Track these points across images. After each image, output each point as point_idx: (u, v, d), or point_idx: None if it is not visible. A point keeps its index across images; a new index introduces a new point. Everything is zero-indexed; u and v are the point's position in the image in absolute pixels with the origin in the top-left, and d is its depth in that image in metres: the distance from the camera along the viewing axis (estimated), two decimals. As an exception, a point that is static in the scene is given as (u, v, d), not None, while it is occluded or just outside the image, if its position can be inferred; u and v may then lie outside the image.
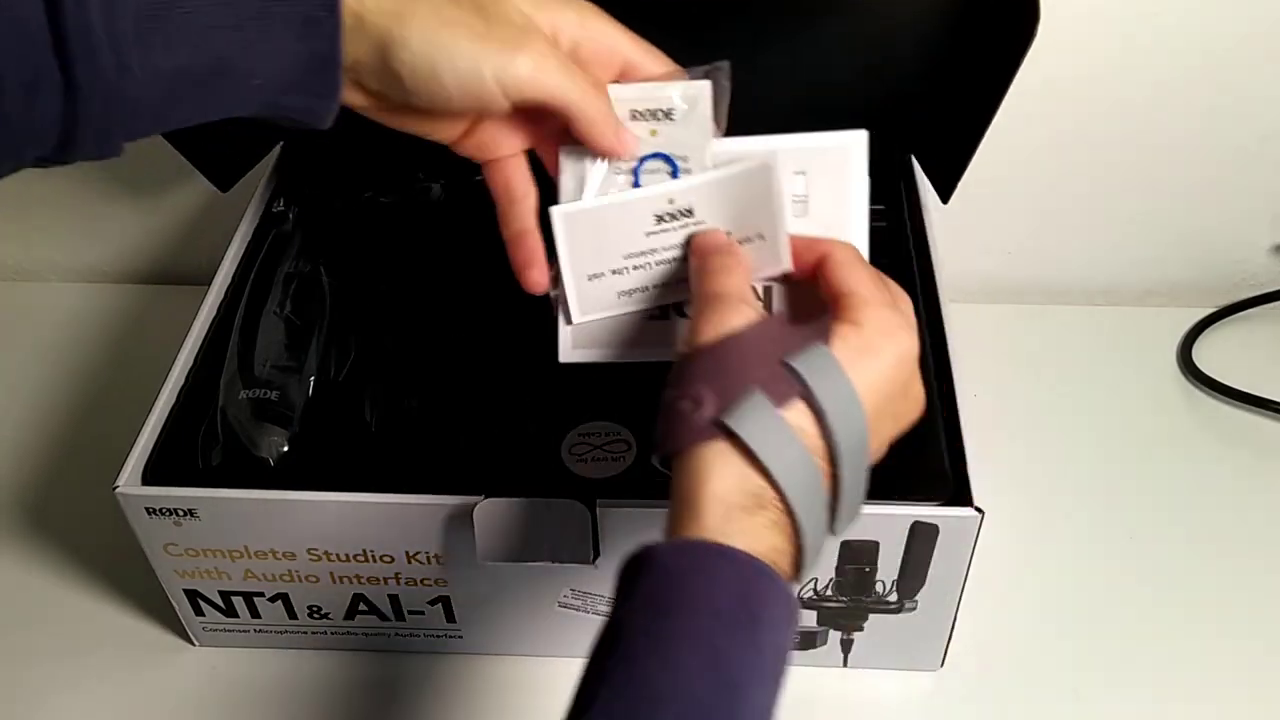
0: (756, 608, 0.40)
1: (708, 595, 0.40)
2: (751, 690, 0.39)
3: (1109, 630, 0.68)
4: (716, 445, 0.42)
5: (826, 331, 0.44)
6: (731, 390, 0.42)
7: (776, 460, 0.42)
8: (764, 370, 0.43)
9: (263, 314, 0.67)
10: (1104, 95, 0.80)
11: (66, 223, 0.93)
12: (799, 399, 0.43)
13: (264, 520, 0.60)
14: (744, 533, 0.41)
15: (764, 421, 0.42)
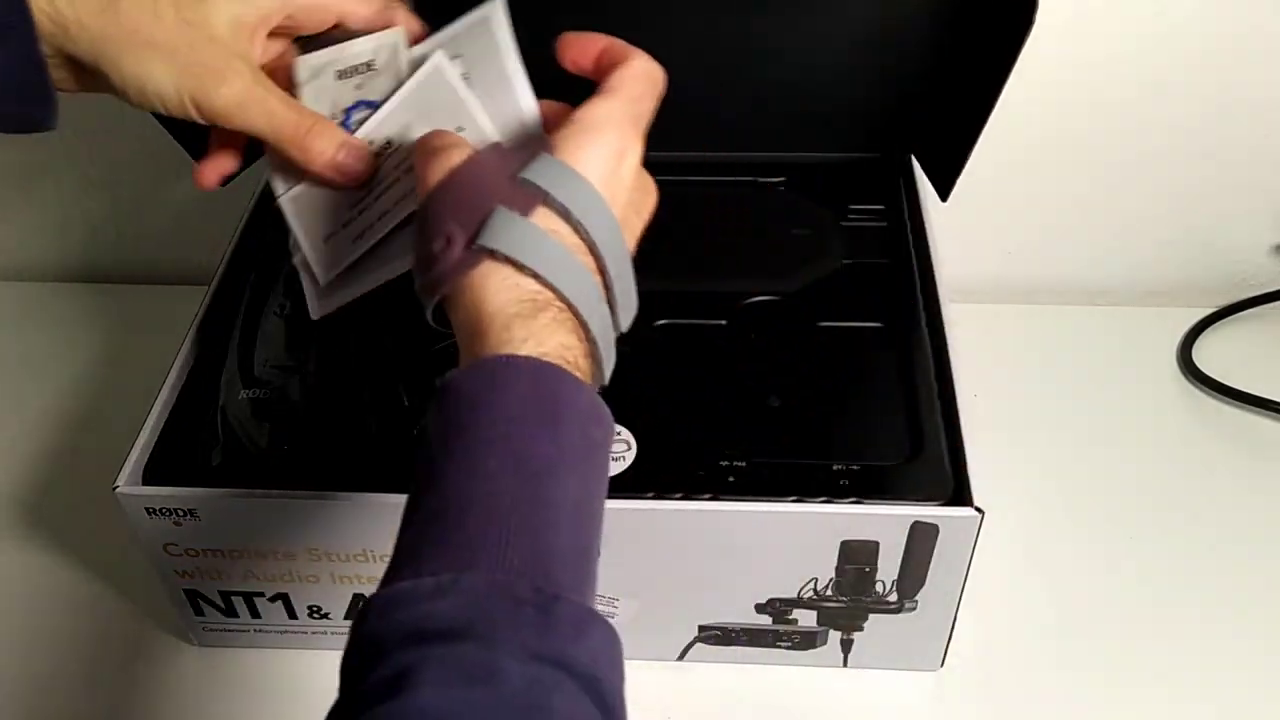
0: (554, 405, 0.41)
1: (501, 404, 0.41)
2: (557, 480, 0.40)
3: (1109, 630, 0.68)
4: (481, 268, 0.43)
5: (547, 143, 0.46)
6: (474, 216, 0.44)
7: (539, 259, 0.43)
8: (499, 191, 0.45)
9: (263, 314, 0.67)
10: (1104, 95, 0.80)
11: (66, 223, 0.93)
12: (541, 205, 0.44)
13: (263, 520, 0.60)
14: (530, 336, 0.43)
15: (516, 230, 0.44)
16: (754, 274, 0.71)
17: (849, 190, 0.75)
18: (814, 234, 0.73)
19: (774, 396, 0.63)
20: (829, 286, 0.70)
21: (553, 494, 0.40)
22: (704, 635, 0.65)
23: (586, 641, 0.39)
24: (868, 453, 0.60)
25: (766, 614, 0.63)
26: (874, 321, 0.67)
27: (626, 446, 0.61)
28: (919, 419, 0.61)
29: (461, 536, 0.39)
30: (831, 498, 0.58)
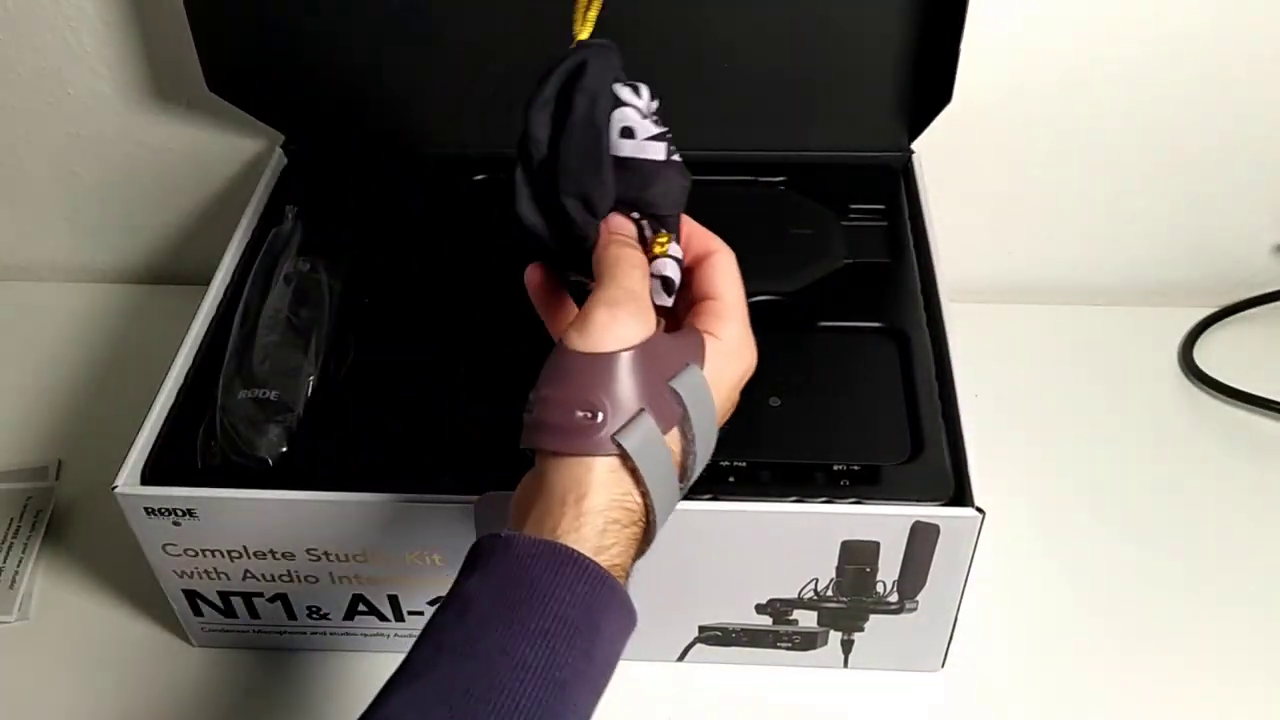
0: (599, 619, 0.43)
1: (557, 598, 0.42)
2: (577, 693, 0.42)
3: (1109, 630, 0.68)
4: (606, 461, 0.44)
5: (700, 349, 0.48)
6: (625, 409, 0.45)
7: (656, 483, 0.45)
8: (653, 389, 0.45)
9: (262, 314, 0.67)
10: (1105, 95, 0.80)
11: (66, 223, 0.93)
12: (678, 425, 0.46)
13: (263, 520, 0.60)
14: (615, 544, 0.44)
15: (653, 449, 0.45)
16: (754, 274, 0.70)
17: (849, 190, 0.75)
18: (814, 234, 0.73)
19: (774, 396, 0.63)
20: (829, 286, 0.69)
21: (565, 710, 0.41)
22: (704, 635, 0.65)
23: None
24: (868, 453, 0.60)
25: (766, 614, 0.63)
26: (874, 321, 0.67)
27: (626, 446, 0.61)
28: (919, 419, 0.61)
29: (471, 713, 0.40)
30: (832, 498, 0.58)
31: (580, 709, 0.42)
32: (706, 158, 0.77)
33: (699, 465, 0.47)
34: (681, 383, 0.46)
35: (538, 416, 0.46)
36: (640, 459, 0.44)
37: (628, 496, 0.45)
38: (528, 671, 0.40)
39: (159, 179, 0.90)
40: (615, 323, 0.45)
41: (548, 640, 0.41)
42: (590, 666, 0.42)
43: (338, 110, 0.78)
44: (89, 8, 0.80)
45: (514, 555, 0.43)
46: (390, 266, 0.72)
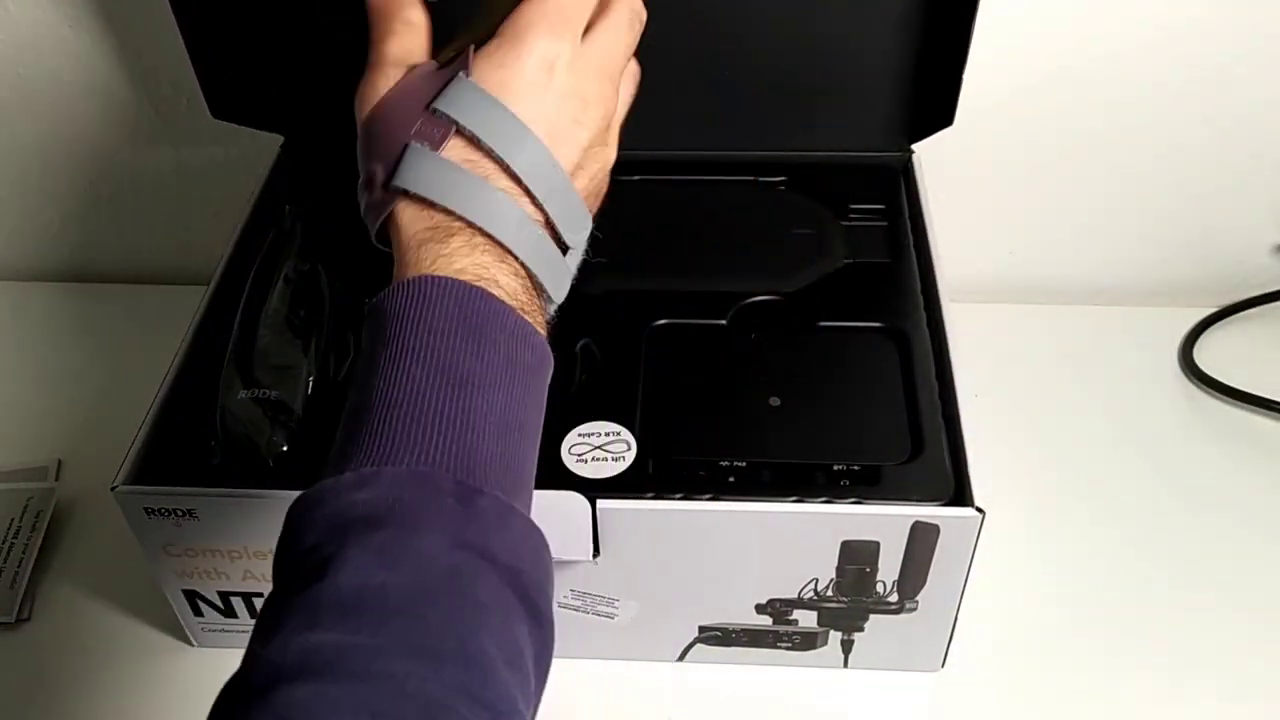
0: (479, 323, 0.42)
1: (427, 319, 0.42)
2: (482, 391, 0.41)
3: (1109, 630, 0.68)
4: (400, 205, 0.45)
5: (464, 62, 0.46)
6: (392, 152, 0.45)
7: (448, 194, 0.45)
8: (411, 121, 0.46)
9: (263, 314, 0.67)
10: (1105, 96, 0.80)
11: (66, 223, 0.93)
12: (453, 136, 0.45)
13: (263, 520, 0.60)
14: (441, 258, 0.44)
15: (425, 167, 0.45)
16: (754, 274, 0.71)
17: (849, 190, 0.75)
18: (814, 234, 0.73)
19: (774, 396, 0.63)
20: (829, 286, 0.69)
21: (476, 404, 0.41)
22: (704, 635, 0.65)
23: (508, 534, 0.39)
24: (868, 453, 0.60)
25: (766, 614, 0.63)
26: (874, 321, 0.67)
27: (626, 446, 0.61)
28: (919, 419, 0.61)
29: (385, 435, 0.40)
30: (832, 498, 0.58)
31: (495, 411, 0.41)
32: (707, 158, 0.77)
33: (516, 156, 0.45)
34: (441, 101, 0.45)
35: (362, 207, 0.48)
36: (416, 185, 0.45)
37: (428, 218, 0.45)
38: (415, 381, 0.40)
39: (159, 179, 0.90)
40: (366, 86, 0.48)
41: (428, 351, 0.41)
42: (485, 367, 0.42)
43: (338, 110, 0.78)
44: (89, 8, 0.80)
45: (376, 309, 0.44)
46: (390, 266, 0.72)
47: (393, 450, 0.39)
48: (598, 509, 0.56)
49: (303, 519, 0.40)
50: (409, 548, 0.37)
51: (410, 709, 0.34)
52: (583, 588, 0.62)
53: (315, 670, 0.34)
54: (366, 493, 0.38)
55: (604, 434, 0.61)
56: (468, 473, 0.39)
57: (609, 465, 0.60)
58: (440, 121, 0.45)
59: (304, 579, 0.37)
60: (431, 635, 0.36)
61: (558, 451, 0.60)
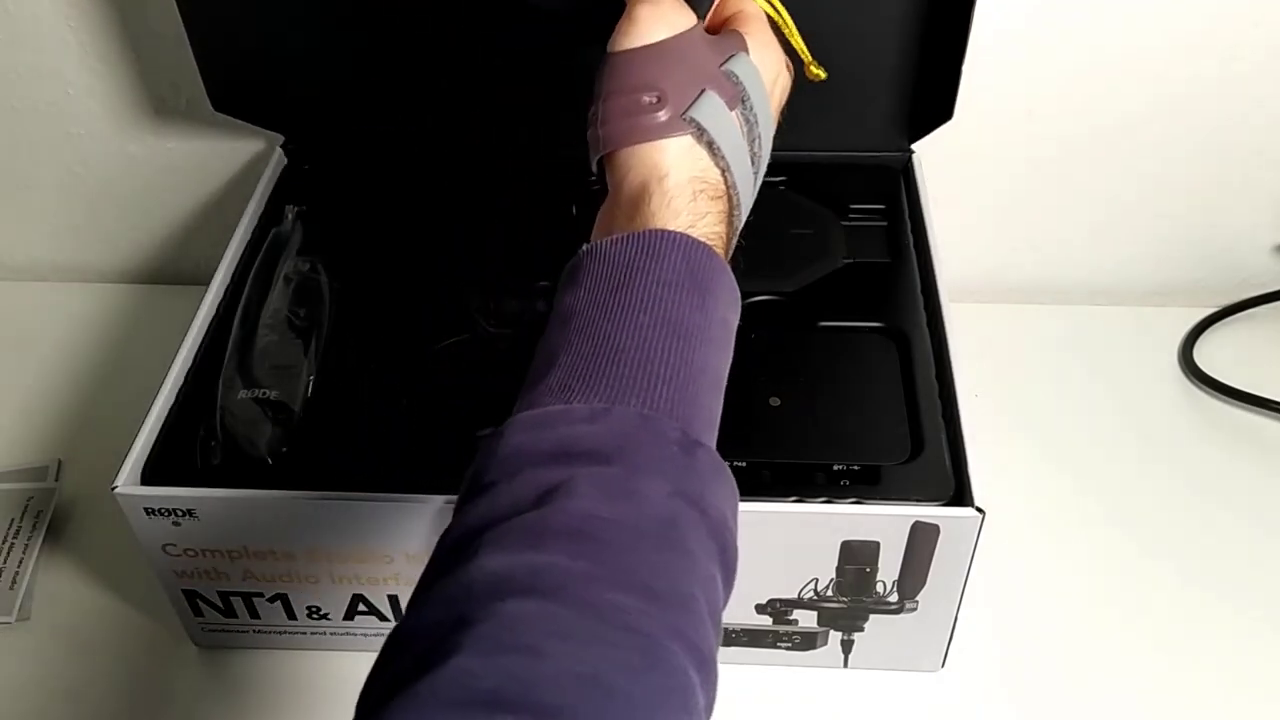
0: (704, 280, 0.43)
1: (658, 271, 0.43)
2: (702, 346, 0.42)
3: (1109, 630, 0.68)
4: (681, 139, 0.45)
5: (741, 42, 0.49)
6: (688, 89, 0.46)
7: (732, 153, 0.46)
8: (708, 73, 0.47)
9: (262, 314, 0.67)
10: (1105, 95, 0.80)
11: (66, 223, 0.93)
12: (739, 104, 0.47)
13: (263, 520, 0.60)
14: (706, 214, 0.45)
15: (723, 118, 0.46)
16: (754, 274, 0.70)
17: (849, 190, 0.75)
18: (814, 234, 0.73)
19: (774, 396, 0.63)
20: (829, 286, 0.69)
21: (698, 358, 0.42)
22: (704, 635, 0.64)
23: (719, 490, 0.40)
24: (868, 453, 0.60)
25: (766, 614, 0.63)
26: (874, 321, 0.67)
27: (626, 446, 0.61)
28: (919, 419, 0.61)
29: (613, 375, 0.40)
30: (832, 498, 0.58)
31: (709, 368, 0.42)
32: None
33: (764, 151, 0.49)
34: (734, 65, 0.47)
35: (602, 120, 0.46)
36: (714, 131, 0.45)
37: (708, 171, 0.45)
38: (643, 330, 0.41)
39: (159, 179, 0.90)
40: (659, 15, 0.47)
41: (657, 303, 0.42)
42: (708, 323, 0.43)
43: (338, 110, 0.78)
44: (89, 8, 0.80)
45: (603, 256, 0.43)
46: (390, 266, 0.72)
47: (620, 391, 0.40)
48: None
49: (525, 435, 0.40)
50: (634, 487, 0.38)
51: (633, 642, 0.34)
52: (583, 588, 0.62)
53: (543, 591, 0.35)
54: (597, 427, 0.39)
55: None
56: (688, 423, 0.40)
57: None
58: (733, 86, 0.47)
59: (524, 503, 0.38)
60: (652, 574, 0.36)
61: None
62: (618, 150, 0.46)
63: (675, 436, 0.39)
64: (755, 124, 0.48)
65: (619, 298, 0.42)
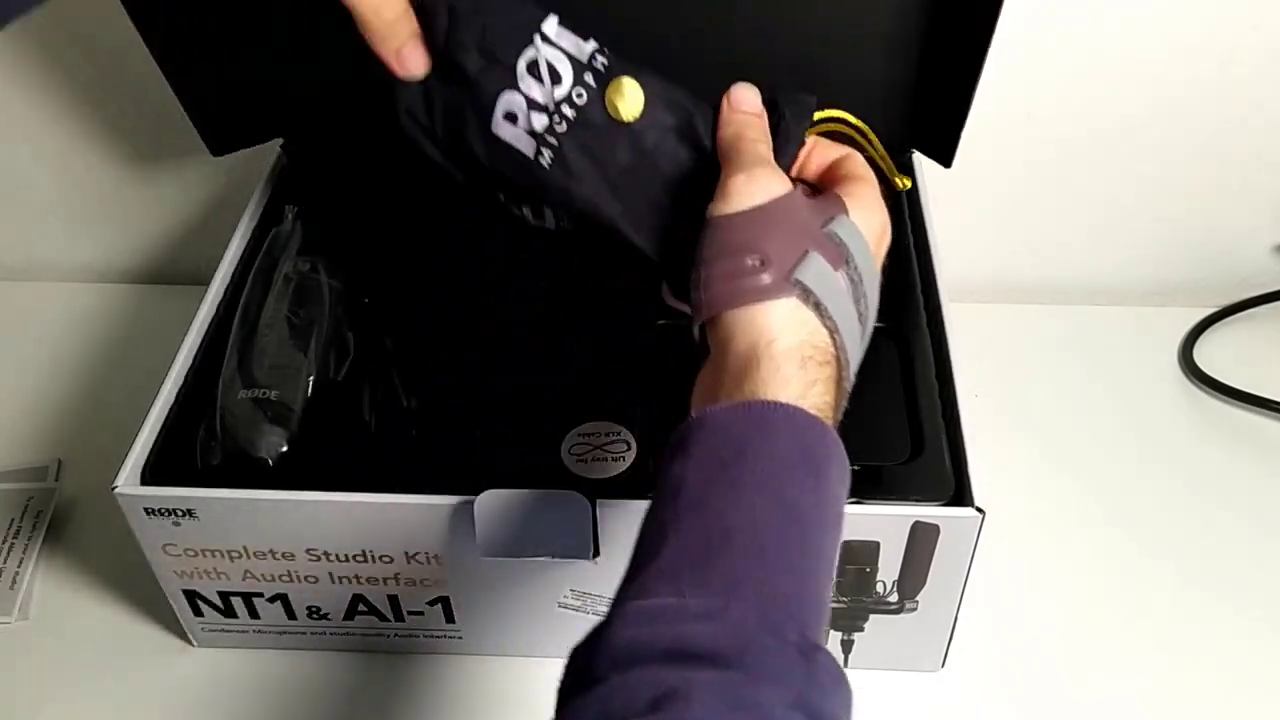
0: (818, 458, 0.42)
1: (770, 447, 0.41)
2: (816, 531, 0.41)
3: (1109, 630, 0.68)
4: (787, 301, 0.44)
5: (841, 203, 0.48)
6: (791, 250, 0.45)
7: (840, 315, 0.45)
8: (811, 234, 0.46)
9: (262, 314, 0.67)
10: (1104, 96, 0.80)
11: (66, 223, 0.93)
12: (844, 265, 0.46)
13: (263, 520, 0.60)
14: (814, 383, 0.43)
15: (829, 279, 0.45)
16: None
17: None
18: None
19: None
20: (829, 286, 0.69)
21: (812, 544, 0.40)
22: (704, 635, 0.64)
23: (838, 699, 0.38)
24: (868, 453, 0.60)
25: (766, 614, 0.63)
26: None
27: (626, 446, 0.61)
28: (919, 419, 0.61)
29: (727, 563, 0.39)
30: (831, 498, 0.58)
31: (824, 554, 0.40)
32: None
33: (871, 312, 0.47)
34: (836, 226, 0.46)
35: (705, 284, 0.45)
36: (820, 291, 0.44)
37: (816, 333, 0.44)
38: (756, 511, 0.39)
39: (159, 179, 0.90)
40: (755, 181, 0.46)
41: (770, 483, 0.40)
42: (821, 504, 0.41)
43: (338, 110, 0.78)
44: (90, 7, 0.80)
45: (714, 426, 0.42)
46: (390, 266, 0.72)
47: (736, 582, 0.38)
48: (597, 509, 0.56)
49: (637, 629, 0.38)
50: (755, 697, 0.36)
51: None
52: (583, 588, 0.62)
53: None
54: (714, 626, 0.37)
55: (604, 434, 0.61)
56: (806, 623, 0.39)
57: (609, 465, 0.60)
58: (836, 247, 0.46)
59: (636, 705, 0.36)
60: None
61: (558, 451, 0.61)
62: (722, 314, 0.45)
63: (795, 639, 0.37)
64: (860, 283, 0.46)
65: (730, 474, 0.41)
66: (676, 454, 0.42)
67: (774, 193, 0.46)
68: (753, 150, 0.49)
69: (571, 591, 0.62)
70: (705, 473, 0.41)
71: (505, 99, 0.51)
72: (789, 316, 0.44)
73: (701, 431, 0.42)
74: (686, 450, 0.42)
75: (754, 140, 0.49)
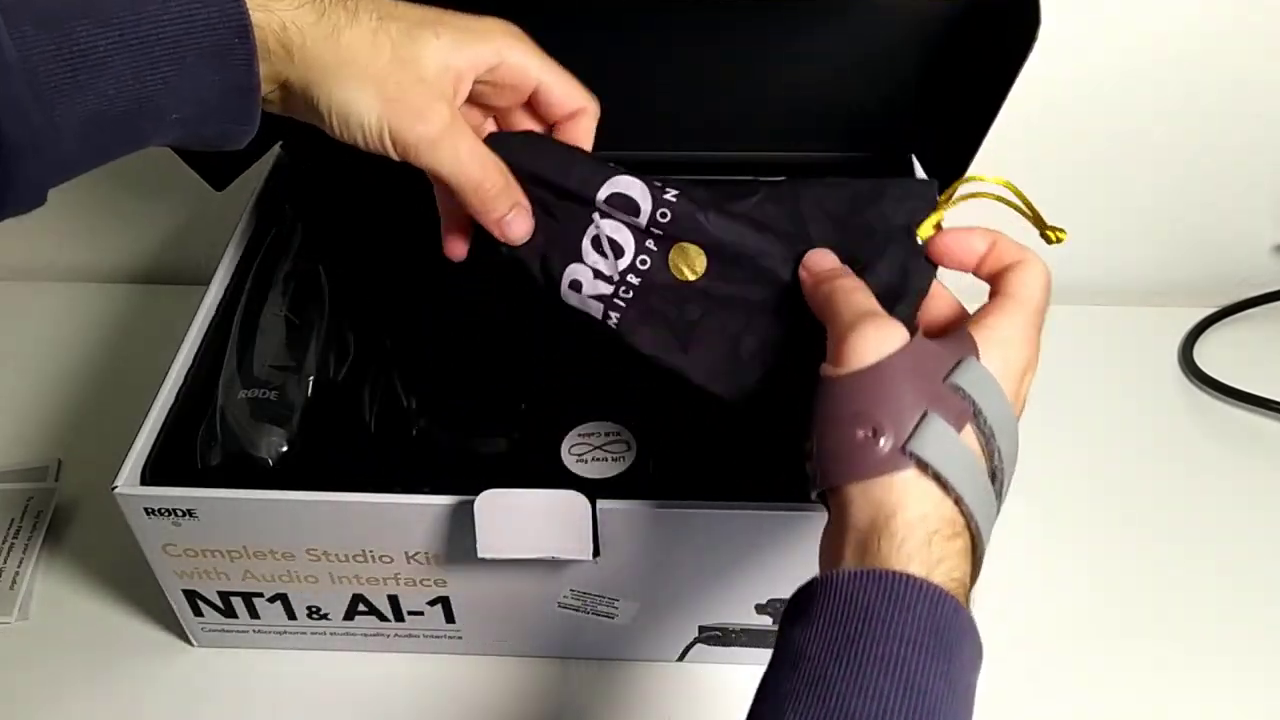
0: (950, 641, 0.39)
1: (899, 624, 0.39)
2: (947, 718, 0.38)
3: (1110, 630, 0.68)
4: (906, 474, 0.41)
5: (971, 343, 0.44)
6: (907, 415, 0.42)
7: (967, 485, 0.42)
8: (930, 391, 0.42)
9: (262, 314, 0.67)
10: (1106, 95, 0.80)
11: (66, 223, 0.93)
12: (970, 421, 0.43)
13: (263, 520, 0.60)
14: (945, 559, 0.41)
15: (950, 448, 0.42)
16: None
17: (849, 190, 0.75)
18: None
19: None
20: (829, 286, 0.69)
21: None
22: (704, 635, 0.65)
23: None
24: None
25: (766, 614, 0.63)
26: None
27: (626, 446, 0.61)
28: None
29: None
30: (832, 498, 0.57)
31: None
32: (707, 158, 0.77)
33: (1009, 464, 0.44)
34: (961, 377, 0.43)
35: (818, 454, 0.43)
36: (939, 462, 0.41)
37: (941, 506, 0.41)
38: (884, 698, 0.37)
39: (159, 179, 0.90)
40: (863, 338, 0.43)
41: (899, 665, 0.38)
42: (952, 691, 0.38)
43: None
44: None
45: (838, 592, 0.40)
46: (390, 266, 0.72)
47: None
48: (598, 509, 0.56)
49: None
50: None
51: None
52: (583, 588, 0.62)
53: None
54: None
55: (604, 434, 0.61)
56: None
57: (609, 465, 0.60)
58: (961, 400, 0.42)
59: None
60: None
61: (558, 451, 0.61)
62: (837, 488, 0.43)
63: None
64: (992, 437, 0.42)
65: (856, 649, 0.38)
66: (799, 618, 0.40)
67: (886, 349, 0.43)
68: (850, 304, 0.45)
69: (571, 591, 0.62)
70: (829, 644, 0.39)
71: (571, 270, 0.53)
72: (909, 489, 0.41)
73: (826, 596, 0.40)
74: (809, 615, 0.40)
75: (849, 291, 0.47)
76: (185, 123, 0.45)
